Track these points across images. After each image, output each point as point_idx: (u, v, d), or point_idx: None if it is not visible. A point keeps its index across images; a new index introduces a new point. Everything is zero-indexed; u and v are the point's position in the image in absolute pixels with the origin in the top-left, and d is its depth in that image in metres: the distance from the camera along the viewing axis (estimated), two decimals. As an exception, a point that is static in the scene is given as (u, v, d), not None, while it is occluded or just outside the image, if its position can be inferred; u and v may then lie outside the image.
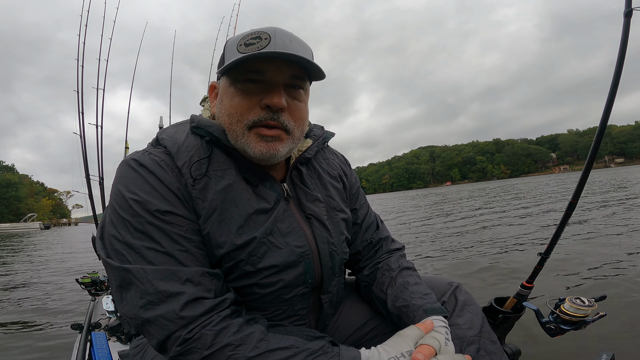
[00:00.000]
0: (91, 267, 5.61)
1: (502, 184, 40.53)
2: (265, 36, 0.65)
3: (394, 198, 33.39)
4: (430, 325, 0.67)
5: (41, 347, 2.48)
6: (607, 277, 2.74)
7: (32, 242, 16.51)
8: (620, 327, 1.86)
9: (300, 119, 0.71)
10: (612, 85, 0.86)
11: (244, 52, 0.64)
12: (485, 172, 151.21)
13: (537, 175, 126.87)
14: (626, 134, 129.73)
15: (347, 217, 0.87)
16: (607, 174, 34.45)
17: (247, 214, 0.69)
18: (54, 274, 5.81)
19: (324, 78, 0.72)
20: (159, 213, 0.63)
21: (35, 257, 8.95)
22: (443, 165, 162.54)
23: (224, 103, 0.70)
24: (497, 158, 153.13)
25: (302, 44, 0.68)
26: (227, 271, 0.69)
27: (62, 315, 3.23)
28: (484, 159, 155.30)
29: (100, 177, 2.90)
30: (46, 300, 3.90)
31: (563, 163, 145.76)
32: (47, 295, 4.19)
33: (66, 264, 7.09)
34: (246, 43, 0.65)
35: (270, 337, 0.61)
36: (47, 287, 4.69)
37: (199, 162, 0.69)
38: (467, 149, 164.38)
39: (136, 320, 0.60)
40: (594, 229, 4.70)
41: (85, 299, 3.41)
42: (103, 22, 3.45)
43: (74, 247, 11.03)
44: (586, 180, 0.95)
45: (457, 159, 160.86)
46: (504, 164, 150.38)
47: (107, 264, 0.63)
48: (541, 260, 1.04)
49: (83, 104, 3.09)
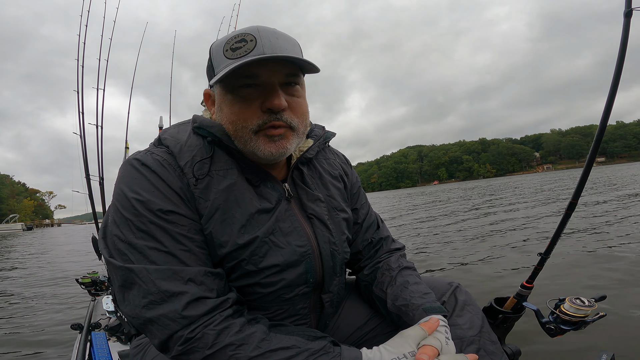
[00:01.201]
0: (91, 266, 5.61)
1: (488, 183, 40.71)
2: (250, 38, 0.64)
3: (385, 197, 33.30)
4: (435, 324, 0.67)
5: (41, 347, 2.48)
6: (607, 277, 2.74)
7: (18, 243, 16.23)
8: (620, 327, 1.86)
9: (302, 114, 0.72)
10: (612, 85, 0.86)
11: (232, 58, 0.64)
12: (471, 171, 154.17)
13: (521, 174, 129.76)
14: (607, 134, 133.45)
15: (348, 217, 0.87)
16: (593, 172, 34.62)
17: (249, 214, 0.69)
18: (54, 273, 5.81)
19: (319, 71, 0.72)
20: (162, 212, 0.63)
21: (31, 258, 8.95)
22: (431, 165, 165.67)
23: (224, 111, 0.70)
24: (483, 157, 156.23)
25: (288, 39, 0.68)
26: (229, 271, 0.70)
27: (62, 315, 3.23)
28: (471, 158, 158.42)
29: (101, 177, 2.90)
30: (46, 301, 3.90)
31: (546, 162, 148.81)
32: (47, 295, 4.19)
33: (64, 265, 7.09)
34: (232, 48, 0.65)
35: (271, 337, 0.61)
36: (47, 287, 4.69)
37: (201, 161, 0.69)
38: (454, 149, 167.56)
39: (138, 319, 0.60)
40: (594, 229, 4.70)
41: (85, 299, 3.41)
42: (103, 22, 3.45)
43: (64, 250, 10.84)
44: (586, 180, 0.95)
45: (444, 158, 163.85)
46: (490, 163, 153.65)
47: (110, 263, 0.63)
48: (541, 260, 1.04)
49: (83, 103, 3.09)
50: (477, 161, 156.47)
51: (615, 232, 4.36)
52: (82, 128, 3.02)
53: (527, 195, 12.69)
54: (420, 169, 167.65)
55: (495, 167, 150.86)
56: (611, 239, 4.05)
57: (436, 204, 14.36)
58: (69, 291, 4.23)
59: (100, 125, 3.11)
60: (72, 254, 9.11)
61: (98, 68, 3.16)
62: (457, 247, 4.67)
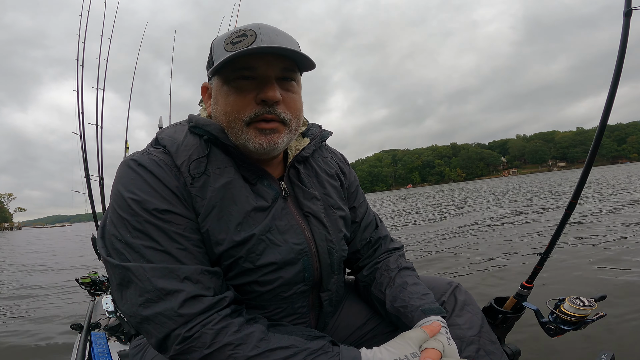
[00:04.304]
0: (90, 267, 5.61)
1: (459, 187, 40.77)
2: (251, 33, 0.65)
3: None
4: (437, 328, 0.67)
5: (41, 347, 2.48)
6: (607, 276, 2.74)
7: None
8: (620, 327, 1.86)
9: (295, 110, 0.72)
10: (612, 85, 0.86)
11: (231, 51, 0.65)
12: (443, 175, 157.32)
13: (489, 178, 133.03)
14: (568, 140, 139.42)
15: (345, 215, 0.87)
16: (558, 175, 34.78)
17: (245, 212, 0.70)
18: (54, 275, 5.81)
19: (314, 68, 0.73)
20: (158, 212, 0.63)
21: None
22: (404, 169, 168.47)
23: (220, 102, 0.71)
24: (454, 162, 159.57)
25: (287, 37, 0.70)
26: (227, 269, 0.70)
27: (61, 315, 3.23)
28: (442, 162, 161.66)
29: (100, 177, 2.91)
30: (45, 301, 3.90)
31: (512, 167, 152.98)
32: (46, 295, 4.19)
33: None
34: (232, 41, 0.66)
35: (270, 337, 0.61)
36: (46, 287, 4.69)
37: (197, 160, 0.69)
38: (427, 153, 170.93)
39: (135, 318, 0.60)
40: (594, 228, 4.69)
41: (85, 299, 3.41)
42: (103, 22, 3.45)
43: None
44: (586, 180, 0.95)
45: (417, 162, 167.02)
46: (460, 167, 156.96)
47: (108, 262, 0.63)
48: (541, 260, 1.04)
49: (83, 103, 3.09)
50: (448, 165, 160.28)
51: (615, 231, 4.36)
52: (82, 128, 3.02)
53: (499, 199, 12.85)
54: (395, 172, 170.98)
55: (465, 171, 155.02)
56: (611, 238, 4.04)
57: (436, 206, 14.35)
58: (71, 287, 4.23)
59: (100, 125, 3.12)
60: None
61: (98, 68, 3.16)
62: (457, 247, 4.66)
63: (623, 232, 4.38)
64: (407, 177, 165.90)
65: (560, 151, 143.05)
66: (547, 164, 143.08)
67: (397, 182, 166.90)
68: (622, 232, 4.38)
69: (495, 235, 5.18)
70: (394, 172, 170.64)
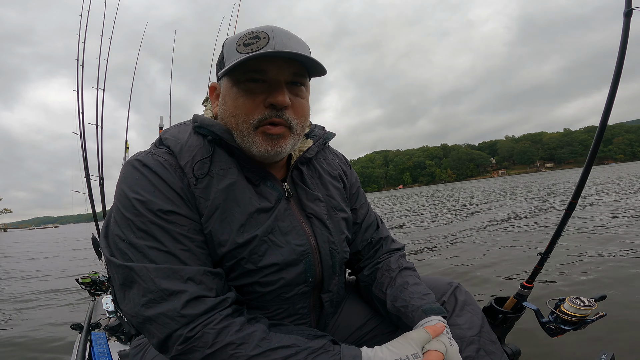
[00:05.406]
0: (91, 267, 5.61)
1: (451, 187, 40.68)
2: (264, 35, 0.65)
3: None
4: (440, 329, 0.67)
5: (41, 347, 2.48)
6: (607, 276, 2.74)
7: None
8: (620, 327, 1.86)
9: (302, 116, 0.72)
10: (613, 85, 0.86)
11: (244, 52, 0.65)
12: (434, 175, 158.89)
13: (479, 179, 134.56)
14: (555, 141, 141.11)
15: (348, 217, 0.87)
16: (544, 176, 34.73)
17: (248, 213, 0.70)
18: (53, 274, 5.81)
19: (325, 74, 0.72)
20: (162, 213, 0.63)
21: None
22: (396, 169, 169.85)
23: (228, 104, 0.71)
24: (445, 162, 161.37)
25: (299, 41, 0.69)
26: (229, 270, 0.70)
27: (62, 315, 3.23)
28: (433, 163, 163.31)
29: (101, 177, 2.91)
30: (45, 301, 3.90)
31: (501, 167, 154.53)
32: (46, 295, 4.19)
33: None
34: (245, 43, 0.66)
35: (271, 336, 0.61)
36: (46, 287, 4.69)
37: (201, 161, 0.69)
38: (418, 154, 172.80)
39: (138, 318, 0.61)
40: (593, 228, 4.70)
41: (85, 299, 3.41)
42: (103, 22, 3.45)
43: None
44: (586, 180, 0.95)
45: (408, 163, 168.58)
46: (450, 168, 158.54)
47: (111, 262, 0.63)
48: (541, 260, 1.04)
49: (83, 103, 3.09)
50: (439, 166, 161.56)
51: (615, 231, 4.36)
52: (82, 128, 3.02)
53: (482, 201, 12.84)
54: (386, 173, 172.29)
55: (456, 172, 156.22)
56: (611, 238, 4.04)
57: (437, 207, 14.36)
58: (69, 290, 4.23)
59: (100, 125, 3.12)
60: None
61: (98, 68, 3.16)
62: (457, 247, 4.67)
63: (623, 232, 4.38)
64: (399, 178, 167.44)
65: (548, 152, 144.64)
66: (535, 165, 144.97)
67: (389, 182, 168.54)
68: (622, 232, 4.38)
69: (495, 235, 5.18)
70: (386, 173, 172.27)
